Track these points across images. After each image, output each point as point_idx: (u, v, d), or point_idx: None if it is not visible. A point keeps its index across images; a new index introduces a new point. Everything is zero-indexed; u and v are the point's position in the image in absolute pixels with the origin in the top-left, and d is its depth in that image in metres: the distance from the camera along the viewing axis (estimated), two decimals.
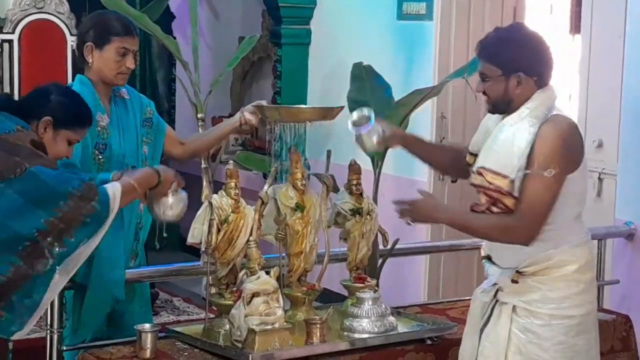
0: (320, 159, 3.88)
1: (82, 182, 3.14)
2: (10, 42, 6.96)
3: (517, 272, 3.37)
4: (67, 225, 3.09)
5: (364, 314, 3.70)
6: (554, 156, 3.29)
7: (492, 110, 3.47)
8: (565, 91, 9.13)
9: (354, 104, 5.83)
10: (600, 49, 5.69)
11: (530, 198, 3.29)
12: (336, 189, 3.98)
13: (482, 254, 3.57)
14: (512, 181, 3.29)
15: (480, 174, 3.36)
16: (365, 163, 4.54)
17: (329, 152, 3.96)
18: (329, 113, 3.77)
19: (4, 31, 7.00)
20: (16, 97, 6.84)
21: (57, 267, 3.13)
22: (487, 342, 3.42)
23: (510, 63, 3.36)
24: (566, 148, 3.32)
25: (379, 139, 3.69)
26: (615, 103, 5.45)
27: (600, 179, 5.70)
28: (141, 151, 3.99)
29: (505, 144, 3.34)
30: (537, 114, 3.34)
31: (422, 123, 6.08)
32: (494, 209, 3.33)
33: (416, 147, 3.81)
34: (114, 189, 3.23)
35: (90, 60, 3.84)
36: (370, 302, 3.72)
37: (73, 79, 3.95)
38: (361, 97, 5.84)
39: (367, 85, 5.83)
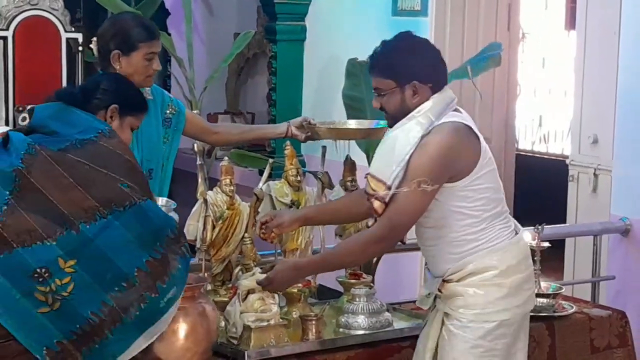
0: (315, 155, 3.87)
1: (176, 226, 2.97)
2: (4, 38, 6.96)
3: (443, 280, 3.34)
4: (163, 269, 2.88)
5: (359, 310, 3.69)
6: (431, 168, 3.19)
7: (392, 124, 3.35)
8: (561, 87, 9.16)
9: (349, 100, 5.84)
10: (595, 45, 5.69)
11: (396, 209, 3.21)
12: (331, 186, 3.98)
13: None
14: (390, 187, 3.22)
15: (366, 179, 3.30)
16: (361, 159, 4.52)
17: (324, 148, 3.96)
18: (373, 132, 3.92)
19: None
20: (10, 92, 6.87)
21: (144, 330, 2.86)
22: (420, 345, 3.44)
23: (404, 73, 3.27)
24: (446, 157, 3.21)
25: None
26: (610, 99, 5.45)
27: (595, 175, 5.70)
28: (160, 152, 4.04)
29: (387, 149, 3.27)
30: (422, 121, 3.25)
31: None
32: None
33: (319, 218, 3.66)
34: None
35: (117, 67, 3.82)
36: (365, 299, 3.72)
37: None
38: (356, 93, 5.84)
39: (361, 82, 5.82)
